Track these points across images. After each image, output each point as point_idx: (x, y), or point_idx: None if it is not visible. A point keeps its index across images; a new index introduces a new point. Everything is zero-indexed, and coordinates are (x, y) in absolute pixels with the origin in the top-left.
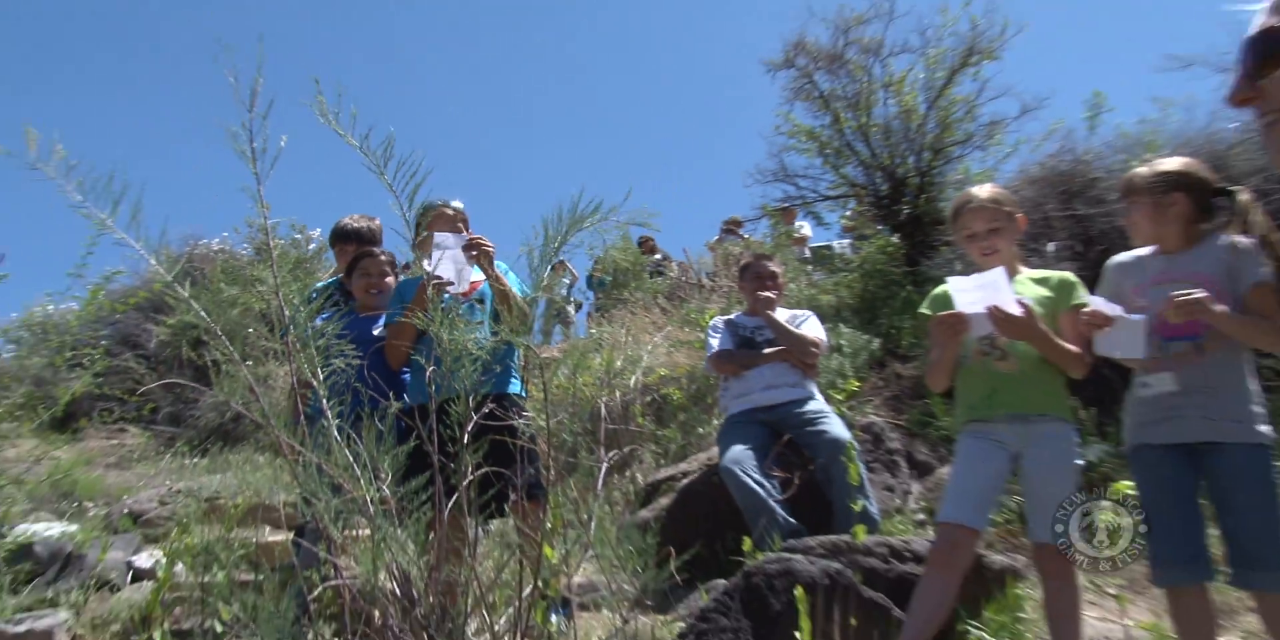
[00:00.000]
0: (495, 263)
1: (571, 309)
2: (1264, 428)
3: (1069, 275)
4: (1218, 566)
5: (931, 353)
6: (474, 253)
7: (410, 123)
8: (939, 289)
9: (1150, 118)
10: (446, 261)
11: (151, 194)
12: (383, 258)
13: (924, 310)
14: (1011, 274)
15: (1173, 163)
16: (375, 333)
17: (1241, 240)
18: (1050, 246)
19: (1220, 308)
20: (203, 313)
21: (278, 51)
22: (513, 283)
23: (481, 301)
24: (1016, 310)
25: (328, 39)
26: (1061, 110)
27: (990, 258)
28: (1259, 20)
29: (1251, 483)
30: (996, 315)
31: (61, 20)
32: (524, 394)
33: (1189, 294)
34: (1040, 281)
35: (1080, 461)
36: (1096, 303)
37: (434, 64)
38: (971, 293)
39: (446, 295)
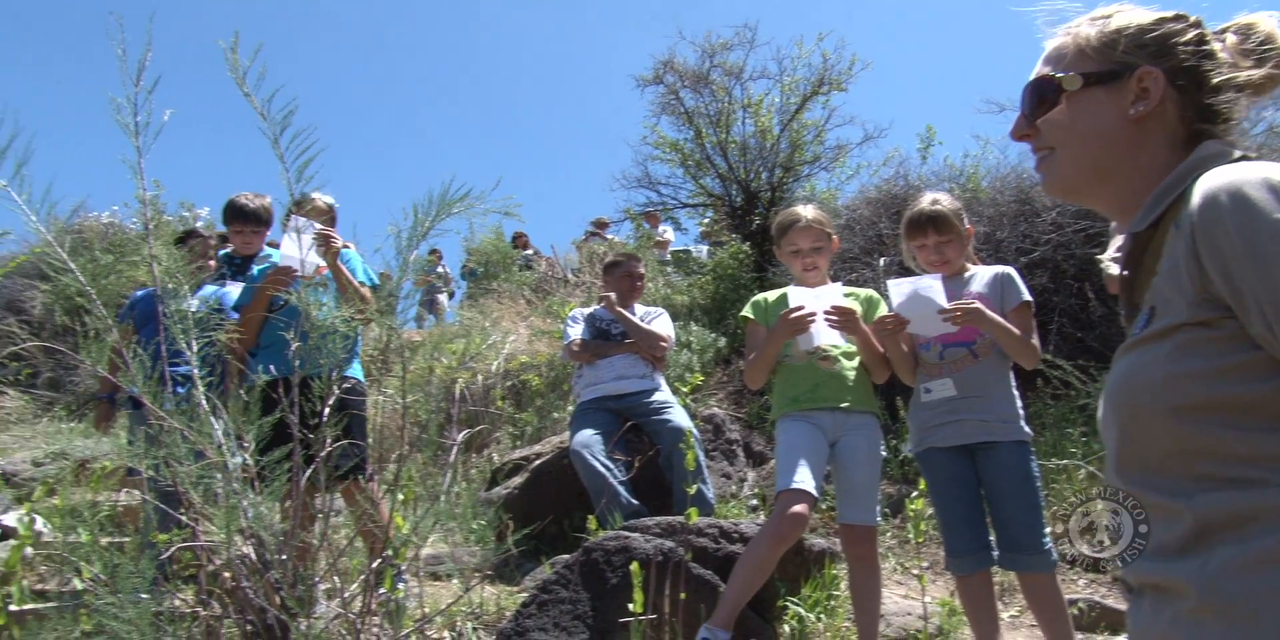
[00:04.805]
0: (341, 253)
1: (443, 297)
2: (1026, 427)
3: (874, 293)
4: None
5: (753, 353)
6: (320, 244)
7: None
8: (758, 297)
9: (972, 152)
10: (295, 243)
11: (41, 162)
12: (211, 241)
13: (746, 314)
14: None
15: (952, 199)
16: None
17: (1005, 269)
18: (881, 261)
19: (993, 315)
20: (79, 274)
21: (171, 31)
22: (358, 268)
23: (325, 285)
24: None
25: (220, 24)
26: (898, 140)
27: (811, 273)
28: (1037, 69)
29: (1019, 476)
30: (952, 311)
31: None
32: (362, 378)
33: (965, 304)
34: (850, 296)
35: (885, 453)
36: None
37: (329, 57)
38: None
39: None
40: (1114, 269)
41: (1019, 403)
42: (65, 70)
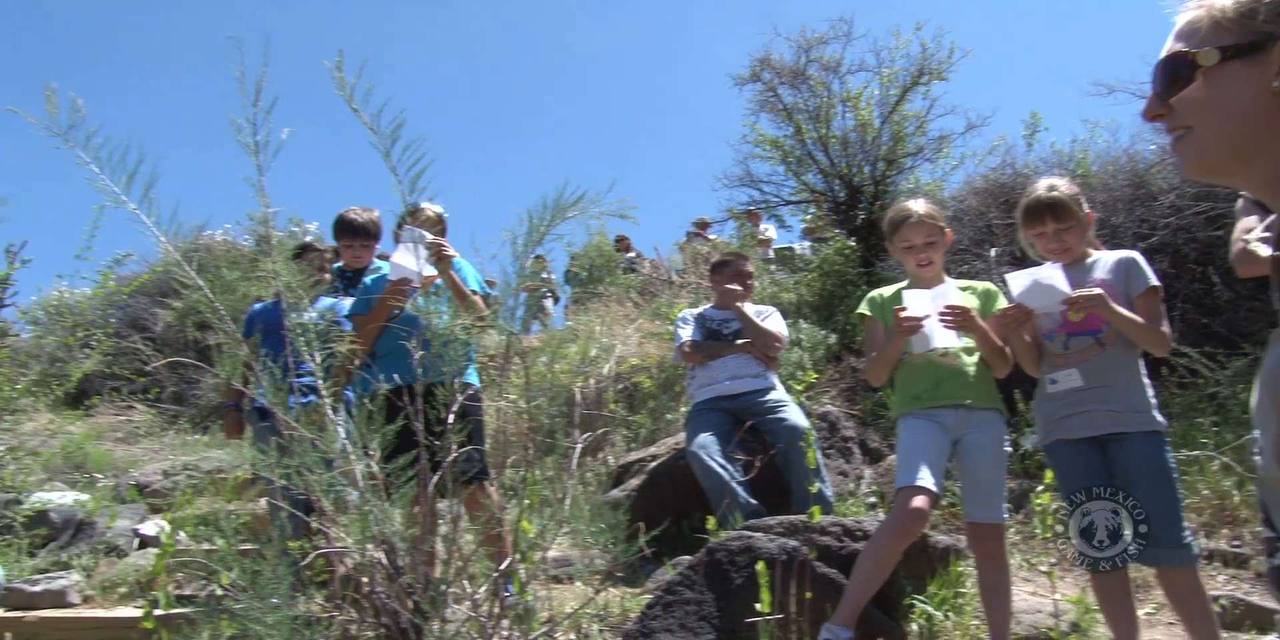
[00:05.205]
0: (452, 262)
1: (549, 302)
2: (1159, 416)
3: (991, 285)
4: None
5: (873, 351)
6: (433, 255)
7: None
8: (874, 293)
9: (1080, 137)
10: (408, 253)
11: (160, 181)
12: (327, 254)
13: (862, 311)
14: (936, 283)
15: (1069, 184)
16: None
17: (1129, 253)
18: (992, 252)
19: (1115, 305)
20: (208, 291)
21: (280, 50)
22: (470, 276)
23: (437, 293)
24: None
25: (324, 32)
26: (1002, 127)
27: (926, 269)
28: (1168, 45)
29: (1153, 467)
30: (1076, 300)
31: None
32: (479, 383)
33: (1089, 292)
34: (966, 290)
35: (1009, 448)
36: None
37: (429, 64)
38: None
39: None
40: (1264, 250)
41: (1150, 391)
42: (173, 88)
